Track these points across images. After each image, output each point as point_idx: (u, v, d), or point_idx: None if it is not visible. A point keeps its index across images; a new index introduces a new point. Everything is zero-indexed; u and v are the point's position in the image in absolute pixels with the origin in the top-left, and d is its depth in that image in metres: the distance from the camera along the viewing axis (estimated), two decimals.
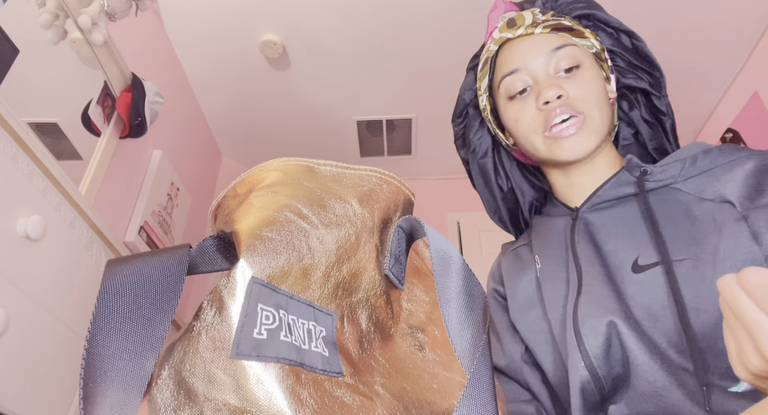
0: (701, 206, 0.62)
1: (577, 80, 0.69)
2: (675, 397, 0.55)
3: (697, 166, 0.66)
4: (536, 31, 0.72)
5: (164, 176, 1.95)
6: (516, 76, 0.72)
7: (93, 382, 0.35)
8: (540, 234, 0.78)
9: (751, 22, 2.03)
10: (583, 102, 0.68)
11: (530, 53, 0.72)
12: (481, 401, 0.37)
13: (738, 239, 0.57)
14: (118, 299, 0.39)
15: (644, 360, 0.58)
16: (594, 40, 0.73)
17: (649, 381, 0.57)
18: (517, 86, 0.72)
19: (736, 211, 0.59)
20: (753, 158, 0.63)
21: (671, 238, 0.61)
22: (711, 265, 0.57)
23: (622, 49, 0.76)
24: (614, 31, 0.76)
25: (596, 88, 0.70)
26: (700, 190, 0.64)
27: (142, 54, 1.87)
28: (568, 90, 0.69)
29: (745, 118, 2.17)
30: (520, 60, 0.72)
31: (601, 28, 0.76)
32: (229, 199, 0.50)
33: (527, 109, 0.72)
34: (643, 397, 0.57)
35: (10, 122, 1.05)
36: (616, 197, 0.70)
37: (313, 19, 2.06)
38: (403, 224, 0.54)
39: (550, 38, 0.72)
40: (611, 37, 0.76)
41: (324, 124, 2.63)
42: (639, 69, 0.76)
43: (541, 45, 0.71)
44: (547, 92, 0.68)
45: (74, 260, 1.26)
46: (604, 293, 0.62)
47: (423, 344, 0.51)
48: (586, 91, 0.69)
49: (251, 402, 0.35)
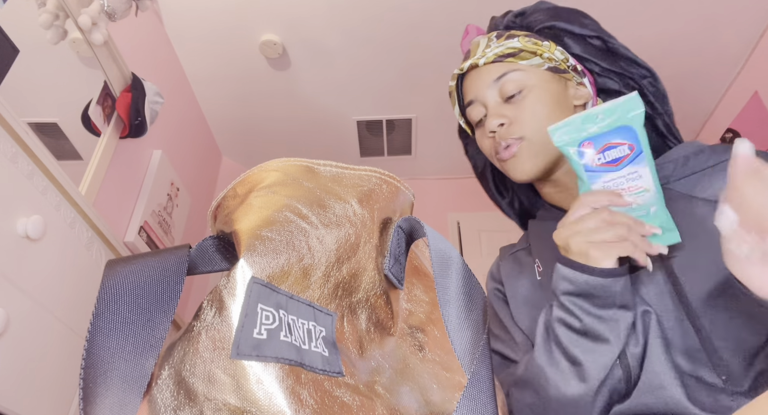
0: (696, 205, 0.63)
1: (519, 106, 0.73)
2: (675, 392, 0.56)
3: (688, 166, 0.67)
4: (480, 62, 0.75)
5: (164, 176, 1.95)
6: (473, 107, 0.77)
7: (93, 382, 0.35)
8: (538, 238, 0.79)
9: (751, 22, 2.03)
10: (520, 127, 0.72)
11: (477, 85, 0.76)
12: (481, 401, 0.37)
13: None
14: (118, 299, 0.39)
15: (657, 354, 0.59)
16: (552, 53, 0.74)
17: (656, 372, 0.58)
18: (476, 116, 0.77)
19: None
20: None
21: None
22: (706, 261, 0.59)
23: (592, 54, 0.76)
24: (580, 37, 0.77)
25: (540, 109, 0.72)
26: (692, 189, 0.65)
27: (142, 54, 1.87)
28: (511, 116, 0.72)
29: (745, 118, 2.17)
30: (473, 92, 0.77)
31: (567, 36, 0.77)
32: (229, 199, 0.50)
33: (484, 137, 0.77)
34: (648, 387, 0.58)
35: (10, 122, 1.05)
36: None
37: (313, 19, 2.06)
38: (403, 224, 0.54)
39: (493, 69, 0.75)
40: (580, 44, 0.77)
41: (324, 125, 2.63)
42: (610, 72, 0.77)
43: (484, 77, 0.75)
44: (490, 122, 0.73)
45: (74, 260, 1.26)
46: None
47: (423, 344, 0.51)
48: (528, 114, 0.72)
49: (251, 402, 0.35)
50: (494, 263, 0.87)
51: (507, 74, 0.74)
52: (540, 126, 0.71)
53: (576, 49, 0.77)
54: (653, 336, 0.59)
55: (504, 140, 0.72)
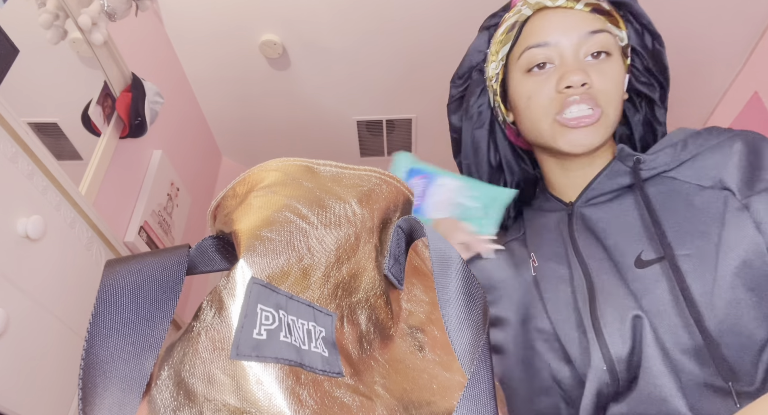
0: (700, 195, 0.61)
1: (605, 70, 0.65)
2: (677, 404, 0.54)
3: (688, 150, 0.64)
4: (577, 6, 0.66)
5: (164, 176, 1.95)
6: (543, 50, 0.66)
7: (92, 383, 0.35)
8: (534, 229, 0.75)
9: (751, 22, 2.03)
10: (604, 95, 0.65)
11: (566, 29, 0.66)
12: (481, 401, 0.37)
13: (743, 230, 0.56)
14: (117, 299, 0.39)
15: (655, 363, 0.56)
16: (625, 33, 0.69)
17: (656, 385, 0.56)
18: (542, 58, 0.67)
19: (737, 199, 0.58)
20: (739, 138, 0.62)
21: (674, 231, 0.59)
22: (715, 257, 0.56)
23: (644, 50, 0.71)
24: (642, 28, 0.70)
25: (619, 83, 0.66)
26: (696, 177, 0.62)
27: (142, 54, 1.87)
28: (594, 79, 0.65)
29: (745, 118, 2.17)
30: (554, 34, 0.66)
31: (630, 22, 0.71)
32: (229, 199, 0.50)
33: (544, 88, 0.66)
34: (648, 399, 0.56)
35: (10, 122, 1.05)
36: (611, 189, 0.68)
37: (313, 19, 2.06)
38: (403, 224, 0.54)
39: (589, 18, 0.66)
40: (637, 35, 0.71)
41: (324, 124, 2.63)
42: (653, 76, 0.72)
43: (579, 23, 0.66)
44: (572, 76, 0.63)
45: (74, 260, 1.26)
46: (621, 292, 0.60)
47: (423, 345, 0.51)
48: (611, 84, 0.65)
49: (251, 403, 0.35)
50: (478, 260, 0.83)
51: (604, 32, 0.65)
52: (616, 100, 0.66)
53: (633, 39, 0.71)
54: (648, 344, 0.57)
55: (583, 103, 0.64)
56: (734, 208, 0.58)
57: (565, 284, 0.67)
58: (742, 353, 0.54)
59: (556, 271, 0.68)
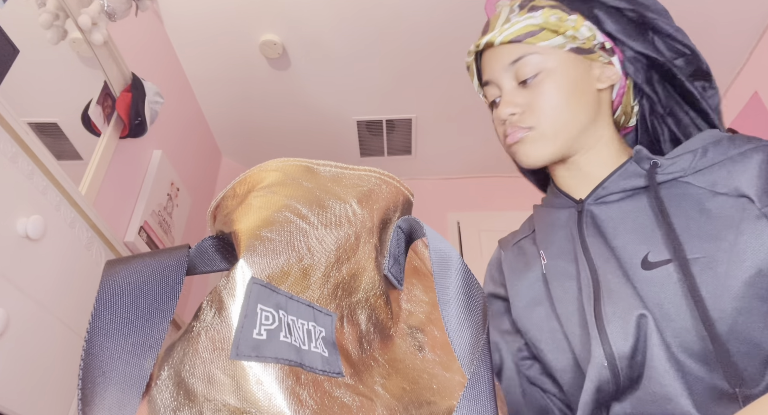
0: (714, 200, 0.60)
1: (534, 91, 0.69)
2: (683, 403, 0.54)
3: (707, 157, 0.63)
4: (497, 42, 0.71)
5: (164, 176, 1.95)
6: (489, 88, 0.75)
7: (91, 383, 0.35)
8: (543, 226, 0.76)
9: (751, 22, 2.03)
10: (531, 116, 0.69)
11: (493, 66, 0.73)
12: (481, 401, 0.37)
13: (761, 238, 0.55)
14: (117, 299, 0.39)
15: (660, 362, 0.56)
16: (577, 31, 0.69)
17: (662, 384, 0.56)
18: (491, 97, 0.75)
19: (755, 207, 0.57)
20: (762, 150, 0.61)
21: (685, 234, 0.59)
22: (726, 263, 0.56)
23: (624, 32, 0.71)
24: (614, 10, 0.71)
25: (556, 97, 0.68)
26: (712, 183, 0.61)
27: (142, 54, 1.87)
28: (524, 103, 0.70)
29: (745, 118, 2.17)
30: (489, 72, 0.74)
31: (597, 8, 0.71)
32: (228, 199, 0.50)
33: (496, 121, 0.75)
34: (652, 398, 0.56)
35: (10, 122, 1.05)
36: (623, 190, 0.67)
37: (313, 19, 2.06)
38: (402, 224, 0.54)
39: (510, 49, 0.71)
40: (612, 17, 0.71)
41: (324, 125, 2.63)
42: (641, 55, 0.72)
43: (500, 58, 0.72)
44: (501, 111, 0.71)
45: (74, 260, 1.26)
46: (626, 292, 0.60)
47: (422, 345, 0.51)
48: (541, 102, 0.69)
49: (251, 403, 0.35)
50: (494, 258, 0.84)
51: (524, 57, 0.69)
52: (553, 115, 0.68)
53: (608, 24, 0.71)
54: (654, 343, 0.57)
55: (513, 127, 0.70)
56: (753, 215, 0.57)
57: (571, 281, 0.67)
58: (750, 360, 0.54)
59: (564, 268, 0.69)
